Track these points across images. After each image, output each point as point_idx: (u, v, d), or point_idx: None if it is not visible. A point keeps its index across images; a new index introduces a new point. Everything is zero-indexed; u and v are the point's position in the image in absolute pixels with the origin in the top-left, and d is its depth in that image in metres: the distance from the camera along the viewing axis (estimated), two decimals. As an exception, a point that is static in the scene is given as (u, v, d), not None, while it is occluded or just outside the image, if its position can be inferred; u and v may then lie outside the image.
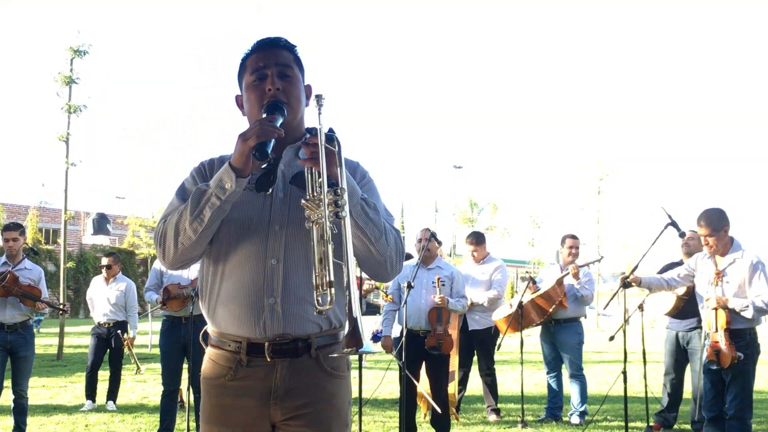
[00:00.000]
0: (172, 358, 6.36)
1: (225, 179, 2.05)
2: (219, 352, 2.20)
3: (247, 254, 2.14)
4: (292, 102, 2.22)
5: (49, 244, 32.63)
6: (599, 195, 28.47)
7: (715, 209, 5.50)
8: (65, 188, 14.25)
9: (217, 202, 2.06)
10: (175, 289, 6.34)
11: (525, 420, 7.05)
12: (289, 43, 2.31)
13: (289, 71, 2.25)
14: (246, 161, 2.04)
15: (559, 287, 7.26)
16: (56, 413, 7.76)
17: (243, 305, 2.13)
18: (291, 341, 2.12)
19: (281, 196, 2.18)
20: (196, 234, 2.09)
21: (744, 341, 5.29)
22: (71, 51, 14.27)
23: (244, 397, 2.14)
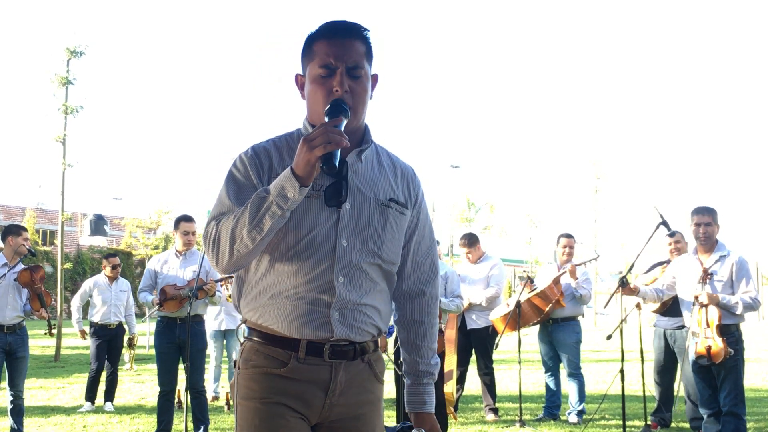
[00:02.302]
0: (168, 358, 6.34)
1: (288, 188, 1.94)
2: (267, 347, 2.12)
3: (313, 266, 2.07)
4: (358, 106, 2.11)
5: (46, 246, 32.58)
6: (596, 194, 28.52)
7: (713, 207, 5.60)
8: (62, 189, 14.23)
9: (279, 212, 1.96)
10: (171, 290, 6.32)
11: (523, 419, 7.06)
12: (363, 32, 2.15)
13: (359, 71, 2.11)
14: (311, 171, 1.93)
15: (556, 286, 7.27)
16: (54, 414, 7.75)
17: (306, 313, 2.08)
18: (350, 344, 2.13)
19: (348, 208, 2.11)
20: (254, 243, 1.99)
21: (734, 337, 5.37)
22: (68, 52, 14.25)
23: (301, 389, 2.10)
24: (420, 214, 2.28)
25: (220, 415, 7.71)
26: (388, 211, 2.16)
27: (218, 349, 8.73)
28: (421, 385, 2.29)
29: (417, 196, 2.27)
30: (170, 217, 27.86)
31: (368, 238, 2.12)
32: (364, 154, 2.18)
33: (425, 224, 2.30)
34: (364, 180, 2.16)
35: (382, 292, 2.20)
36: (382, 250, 2.15)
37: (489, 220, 34.47)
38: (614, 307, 26.51)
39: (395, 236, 2.19)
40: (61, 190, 14.25)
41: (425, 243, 2.30)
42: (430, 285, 2.31)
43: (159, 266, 6.57)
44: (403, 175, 2.26)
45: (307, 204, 2.07)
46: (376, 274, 2.16)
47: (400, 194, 2.22)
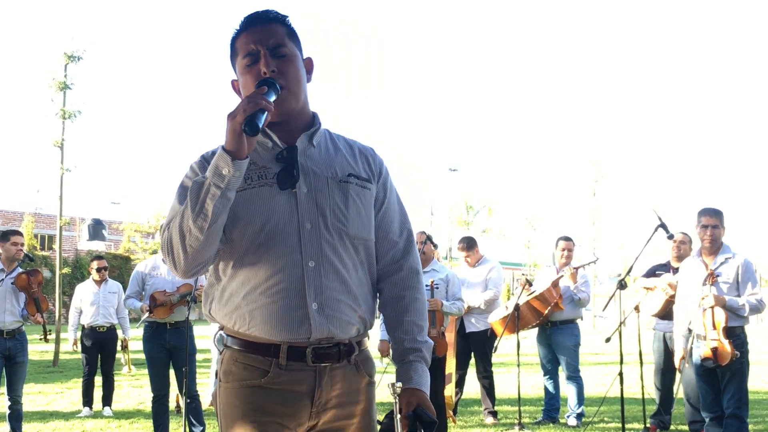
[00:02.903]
0: (159, 363, 6.33)
1: (221, 165, 1.88)
2: (247, 355, 2.04)
3: (280, 254, 1.99)
4: (291, 83, 2.05)
5: (44, 250, 32.58)
6: (594, 197, 28.52)
7: (720, 209, 5.59)
8: (60, 194, 14.22)
9: (218, 192, 1.89)
10: (161, 296, 6.29)
11: (522, 422, 7.06)
12: (279, 15, 2.11)
13: (282, 49, 2.06)
14: (238, 140, 1.87)
15: (555, 289, 7.27)
16: (53, 419, 7.74)
17: (282, 309, 1.98)
18: (333, 345, 2.02)
19: (305, 191, 2.04)
20: (202, 232, 1.91)
21: (740, 339, 5.35)
22: (65, 56, 14.25)
23: (283, 402, 2.01)
24: (387, 189, 2.19)
25: (219, 419, 7.69)
26: (349, 186, 2.08)
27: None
28: (407, 363, 2.10)
29: (380, 171, 2.18)
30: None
31: (331, 217, 2.03)
32: (316, 139, 2.11)
33: (393, 200, 2.21)
34: (318, 162, 2.09)
35: (361, 278, 2.09)
36: (348, 226, 2.05)
37: (487, 223, 34.47)
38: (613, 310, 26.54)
39: (361, 211, 2.08)
40: (59, 194, 14.24)
41: (397, 219, 2.20)
42: (408, 259, 2.18)
43: (147, 272, 6.54)
44: (362, 153, 2.18)
45: (262, 193, 2.02)
46: (349, 256, 2.06)
47: (361, 170, 2.13)
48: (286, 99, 2.05)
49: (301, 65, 2.11)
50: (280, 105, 2.02)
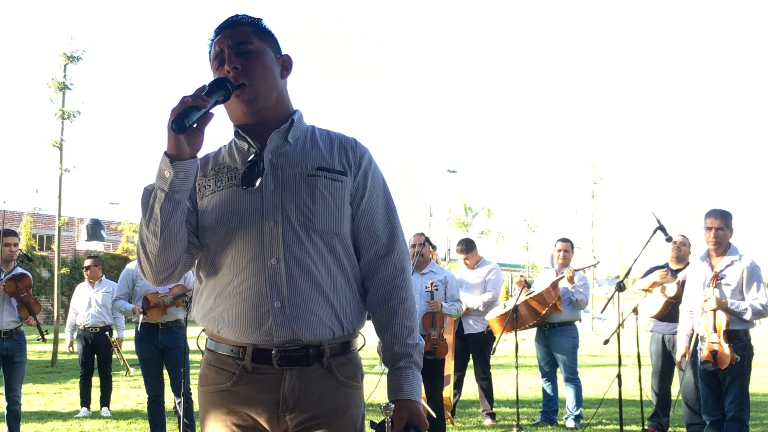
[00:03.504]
0: (152, 364, 6.33)
1: (162, 167, 1.87)
2: (219, 358, 2.03)
3: (243, 254, 1.96)
4: (256, 78, 2.01)
5: (42, 251, 32.56)
6: (593, 199, 28.52)
7: (728, 210, 5.56)
8: (59, 194, 14.22)
9: (162, 195, 1.88)
10: (154, 297, 6.29)
11: (520, 424, 7.05)
12: (248, 18, 2.09)
13: (247, 46, 2.03)
14: (174, 141, 1.85)
15: (554, 290, 7.27)
16: (51, 420, 7.74)
17: (246, 310, 1.95)
18: (301, 348, 1.95)
19: (272, 188, 1.99)
20: (157, 237, 1.91)
21: (741, 342, 5.31)
22: (64, 57, 14.24)
23: (249, 407, 1.97)
24: (368, 182, 2.07)
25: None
26: (317, 180, 2.00)
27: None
28: (397, 369, 2.00)
29: (360, 163, 2.07)
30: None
31: (296, 212, 1.96)
32: (292, 135, 2.07)
33: (376, 192, 2.09)
34: (290, 159, 2.04)
35: (335, 276, 2.00)
36: (314, 221, 1.97)
37: (486, 224, 34.47)
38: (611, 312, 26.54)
39: (329, 204, 1.99)
40: (58, 194, 14.24)
41: (380, 212, 2.09)
42: (392, 255, 2.06)
43: (137, 273, 6.52)
44: (341, 146, 2.09)
45: (229, 194, 2.01)
46: (319, 253, 1.98)
47: (336, 163, 2.05)
48: (252, 95, 2.01)
49: (270, 61, 2.06)
50: (246, 103, 2.01)
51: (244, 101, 2.01)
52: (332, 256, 2.00)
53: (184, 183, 1.89)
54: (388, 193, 2.14)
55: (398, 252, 2.08)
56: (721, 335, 5.27)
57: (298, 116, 2.12)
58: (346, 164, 2.07)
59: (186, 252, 2.02)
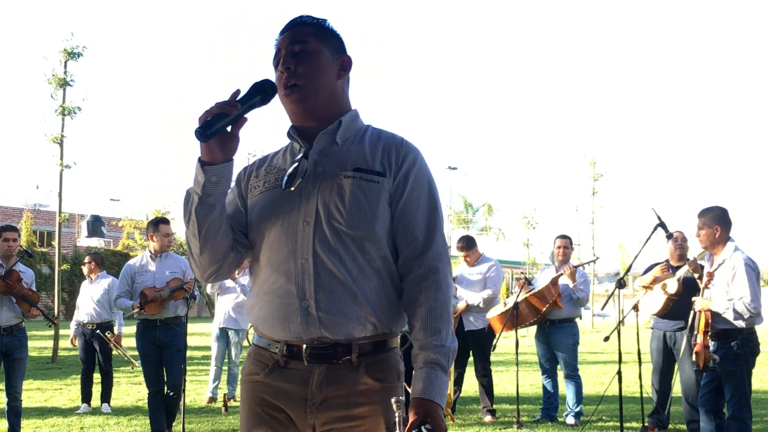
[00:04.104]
0: (151, 360, 6.34)
1: (197, 173, 1.96)
2: (259, 351, 2.10)
3: (278, 254, 2.02)
4: (305, 79, 2.04)
5: (43, 247, 32.55)
6: (594, 196, 28.49)
7: (717, 207, 5.52)
8: (59, 191, 14.20)
9: (197, 198, 1.97)
10: (151, 292, 6.30)
11: (520, 421, 7.06)
12: (310, 19, 2.13)
13: (302, 46, 2.06)
14: (205, 148, 1.93)
15: (554, 287, 7.28)
16: (51, 416, 7.74)
17: (277, 307, 2.01)
18: (330, 346, 1.98)
19: (310, 190, 2.02)
20: (197, 238, 2.01)
21: (734, 341, 5.27)
22: (65, 53, 14.23)
23: (280, 399, 2.03)
24: (408, 182, 2.05)
25: (218, 416, 7.70)
26: (351, 181, 2.01)
27: (220, 350, 8.72)
28: (419, 369, 1.96)
29: (401, 164, 2.06)
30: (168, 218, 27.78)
31: (329, 214, 1.98)
32: (340, 136, 2.09)
33: (417, 193, 2.06)
34: (333, 160, 2.06)
35: (368, 277, 2.00)
36: (345, 222, 1.97)
37: (486, 221, 34.45)
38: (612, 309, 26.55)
39: (362, 206, 1.99)
40: (58, 191, 14.22)
41: (420, 213, 2.05)
42: (427, 257, 2.03)
43: (136, 269, 6.56)
44: (387, 145, 2.09)
45: (272, 195, 2.07)
46: (350, 254, 1.98)
47: (377, 163, 2.05)
48: (301, 95, 2.05)
49: (325, 62, 2.08)
50: (295, 102, 2.06)
51: (293, 101, 2.05)
52: (364, 256, 2.00)
53: (217, 187, 1.97)
54: (433, 195, 2.09)
55: (433, 253, 2.04)
56: (701, 335, 5.30)
57: (349, 116, 2.13)
58: (387, 165, 2.06)
59: (232, 250, 2.10)
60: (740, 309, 5.18)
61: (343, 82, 2.15)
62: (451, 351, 1.99)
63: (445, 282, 2.03)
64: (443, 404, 1.93)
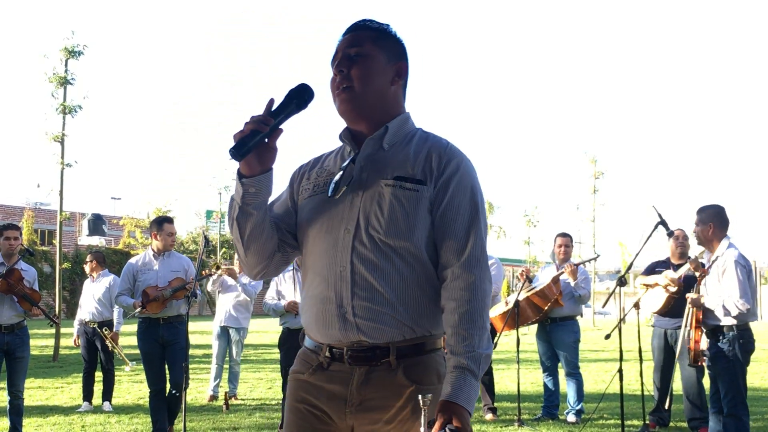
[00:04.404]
0: (153, 358, 6.34)
1: (236, 184, 2.05)
2: (306, 352, 2.17)
3: (320, 259, 2.07)
4: (356, 84, 2.07)
5: (44, 245, 32.57)
6: (595, 194, 28.48)
7: (713, 205, 5.55)
8: (60, 189, 14.20)
9: (236, 206, 2.06)
10: (153, 291, 6.30)
11: (522, 419, 7.07)
12: (371, 23, 2.16)
13: (357, 50, 2.09)
14: (242, 163, 2.01)
15: (555, 285, 7.28)
16: (52, 414, 7.75)
17: (318, 312, 2.07)
18: (368, 348, 2.02)
19: (351, 196, 2.06)
20: (240, 242, 2.11)
21: (725, 338, 5.29)
22: (66, 52, 14.23)
23: (320, 398, 2.08)
24: (449, 189, 2.04)
25: (219, 415, 7.71)
26: (391, 189, 2.03)
27: (221, 348, 8.72)
28: (450, 373, 1.95)
29: (443, 170, 2.05)
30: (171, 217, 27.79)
31: (368, 222, 2.01)
32: (386, 140, 2.11)
33: (458, 200, 2.04)
34: (378, 166, 2.08)
35: (407, 283, 2.01)
36: (383, 230, 2.00)
37: (487, 219, 34.39)
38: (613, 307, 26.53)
39: (401, 214, 2.00)
40: (59, 189, 14.23)
41: (459, 221, 2.03)
42: (463, 265, 2.00)
43: (138, 267, 6.55)
44: (430, 152, 2.09)
45: (319, 200, 2.12)
46: (388, 261, 2.00)
47: (418, 171, 2.05)
48: (349, 97, 2.08)
49: (378, 67, 2.10)
50: (343, 103, 2.09)
51: (342, 102, 2.09)
52: (403, 263, 2.01)
53: (256, 197, 2.05)
54: (474, 202, 2.07)
55: (468, 259, 2.02)
56: (693, 331, 5.39)
57: (397, 121, 2.14)
58: (428, 172, 2.06)
59: (278, 251, 2.18)
60: (729, 305, 5.22)
61: (397, 88, 2.17)
62: (482, 357, 1.97)
63: (480, 288, 2.00)
64: (471, 409, 1.92)
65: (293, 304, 6.32)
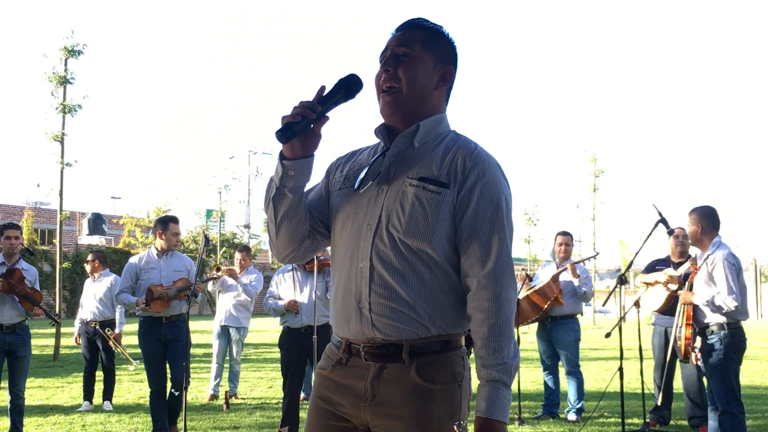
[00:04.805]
0: (155, 358, 6.33)
1: (277, 165, 2.09)
2: (331, 347, 2.19)
3: (344, 254, 2.11)
4: (402, 85, 2.09)
5: (44, 245, 32.55)
6: (595, 192, 28.47)
7: (704, 206, 5.63)
8: (60, 188, 14.19)
9: (274, 187, 2.10)
10: (158, 289, 6.30)
11: (522, 417, 7.07)
12: (423, 24, 2.17)
13: (406, 50, 2.11)
14: (286, 144, 2.05)
15: (555, 284, 7.28)
16: (53, 414, 7.74)
17: (339, 308, 2.11)
18: (383, 345, 2.03)
19: (376, 193, 2.08)
20: (273, 222, 2.15)
21: (717, 336, 5.36)
22: (65, 51, 14.21)
23: (337, 393, 2.11)
24: (474, 195, 2.02)
25: (219, 414, 7.71)
26: (415, 190, 2.03)
27: (221, 347, 8.72)
28: (481, 386, 1.99)
29: (467, 175, 2.04)
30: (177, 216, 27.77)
31: (389, 220, 2.03)
32: (417, 138, 2.12)
33: (482, 207, 2.03)
34: (406, 164, 2.09)
35: (424, 283, 2.01)
36: (403, 229, 2.01)
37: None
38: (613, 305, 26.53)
39: (422, 215, 2.01)
40: (59, 189, 14.21)
41: (483, 228, 2.02)
42: (486, 274, 1.99)
43: (141, 266, 6.53)
44: (456, 155, 2.07)
45: (347, 193, 2.15)
46: (405, 261, 2.01)
47: (443, 173, 2.04)
48: (394, 98, 2.10)
49: (424, 71, 2.12)
50: (387, 104, 2.12)
51: (386, 102, 2.12)
52: (422, 263, 2.02)
53: (295, 180, 2.07)
54: (499, 210, 2.05)
55: (495, 271, 2.00)
56: (685, 328, 5.45)
57: (431, 120, 2.15)
58: (452, 175, 2.05)
59: (308, 238, 2.21)
60: (718, 302, 5.29)
61: (441, 92, 2.18)
62: (512, 366, 1.98)
63: (506, 299, 2.00)
64: (506, 420, 1.96)
65: (293, 303, 6.32)
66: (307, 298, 6.28)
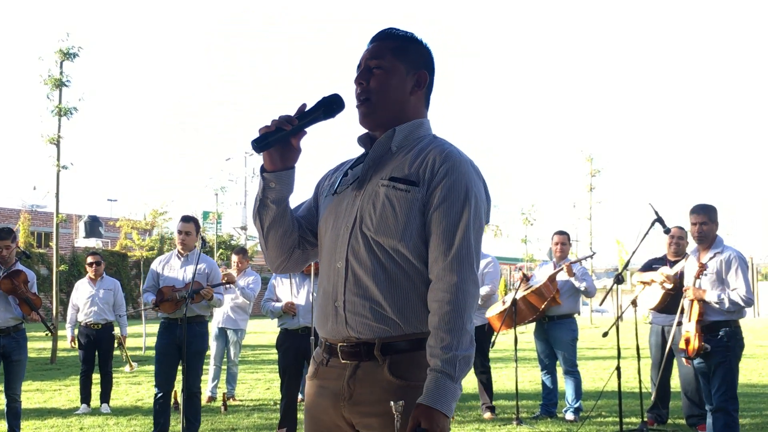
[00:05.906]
0: (166, 359, 6.30)
1: (259, 178, 2.18)
2: (317, 349, 2.24)
3: (325, 256, 2.19)
4: (374, 96, 2.16)
5: (41, 248, 32.49)
6: (591, 191, 28.48)
7: (710, 205, 5.62)
8: (57, 191, 14.17)
9: (258, 200, 2.19)
10: (168, 291, 6.29)
11: (520, 417, 7.07)
12: (393, 34, 2.23)
13: (376, 62, 2.18)
14: (265, 156, 2.13)
15: (552, 284, 7.29)
16: (50, 417, 7.73)
17: (320, 307, 2.18)
18: (356, 344, 2.08)
19: (353, 196, 2.16)
20: (261, 234, 2.23)
21: (722, 333, 5.38)
22: (61, 53, 14.18)
23: (321, 397, 2.16)
24: (440, 193, 2.05)
25: (217, 416, 7.70)
26: (385, 190, 2.09)
27: (219, 349, 8.71)
28: (428, 376, 1.98)
29: (436, 173, 2.07)
30: (165, 218, 27.74)
31: (361, 220, 2.10)
32: (395, 142, 2.17)
33: (449, 203, 2.05)
34: (381, 167, 2.16)
35: (397, 282, 2.05)
36: (374, 228, 2.07)
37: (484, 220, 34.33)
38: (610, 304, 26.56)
39: (392, 214, 2.06)
40: (55, 192, 14.20)
41: (445, 223, 2.04)
42: (446, 268, 2.01)
43: (161, 267, 6.54)
44: (428, 155, 2.11)
45: (331, 198, 2.22)
46: (376, 259, 2.06)
47: (413, 172, 2.09)
48: (368, 110, 2.18)
49: (396, 80, 2.18)
50: (362, 116, 2.20)
51: (362, 113, 2.20)
52: (393, 262, 2.07)
53: (277, 192, 2.16)
54: (468, 204, 2.08)
55: (452, 262, 2.02)
56: (695, 325, 5.40)
57: (408, 125, 2.20)
58: (422, 174, 2.09)
59: (298, 248, 2.28)
60: (735, 299, 5.31)
61: (418, 97, 2.23)
62: (460, 359, 1.97)
63: (462, 290, 2.01)
64: (448, 413, 1.94)
65: (290, 305, 6.31)
66: (304, 300, 6.29)
